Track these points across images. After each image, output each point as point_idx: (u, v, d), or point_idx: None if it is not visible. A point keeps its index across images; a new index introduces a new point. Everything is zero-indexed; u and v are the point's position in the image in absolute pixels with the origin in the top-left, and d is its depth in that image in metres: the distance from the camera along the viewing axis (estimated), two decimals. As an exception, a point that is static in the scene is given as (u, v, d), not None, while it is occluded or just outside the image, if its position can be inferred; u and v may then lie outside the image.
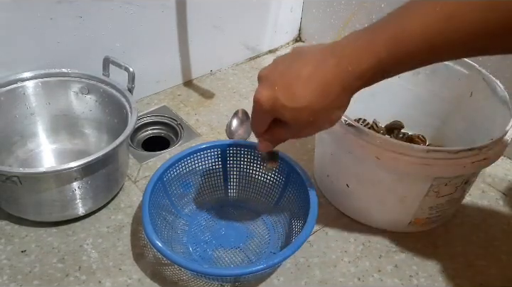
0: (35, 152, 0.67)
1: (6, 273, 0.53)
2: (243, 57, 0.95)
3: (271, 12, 0.92)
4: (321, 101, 0.38)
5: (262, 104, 0.40)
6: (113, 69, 0.64)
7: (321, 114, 0.39)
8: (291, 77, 0.39)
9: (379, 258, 0.57)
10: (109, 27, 0.70)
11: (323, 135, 0.61)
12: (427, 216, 0.58)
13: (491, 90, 0.59)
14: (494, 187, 0.68)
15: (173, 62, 0.83)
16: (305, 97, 0.38)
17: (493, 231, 0.61)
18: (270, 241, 0.58)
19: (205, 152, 0.60)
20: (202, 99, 0.83)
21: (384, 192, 0.56)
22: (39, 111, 0.65)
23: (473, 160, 0.50)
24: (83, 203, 0.57)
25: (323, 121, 0.41)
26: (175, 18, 0.77)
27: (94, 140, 0.68)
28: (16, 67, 0.63)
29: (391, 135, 0.71)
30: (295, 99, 0.38)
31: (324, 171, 0.63)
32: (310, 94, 0.38)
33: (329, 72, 0.38)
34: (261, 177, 0.62)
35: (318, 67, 0.38)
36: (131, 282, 0.53)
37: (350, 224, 0.61)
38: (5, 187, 0.52)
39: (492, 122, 0.58)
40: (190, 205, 0.61)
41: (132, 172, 0.67)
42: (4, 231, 0.58)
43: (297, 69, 0.39)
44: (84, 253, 0.55)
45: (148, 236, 0.48)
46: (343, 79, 0.37)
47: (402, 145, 0.49)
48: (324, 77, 0.38)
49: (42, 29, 0.64)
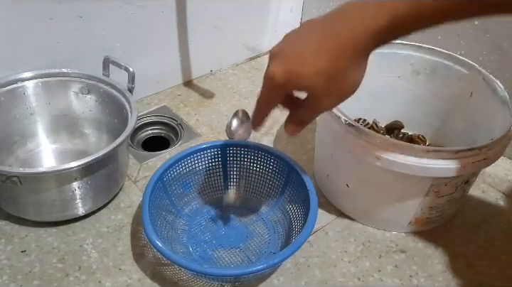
0: (35, 152, 0.67)
1: (6, 273, 0.53)
2: (243, 57, 0.95)
3: (271, 12, 0.92)
4: (335, 64, 0.37)
5: (277, 79, 0.39)
6: (113, 70, 0.64)
7: (337, 79, 0.38)
8: (303, 46, 0.38)
9: (379, 258, 0.57)
10: (109, 27, 0.70)
11: (323, 135, 0.61)
12: (427, 216, 0.58)
13: (491, 90, 0.59)
14: (494, 187, 0.68)
15: (173, 62, 0.83)
16: (319, 62, 0.37)
17: (493, 231, 0.61)
18: (270, 241, 0.58)
19: (205, 152, 0.60)
20: (202, 99, 0.83)
21: (384, 192, 0.56)
22: (39, 111, 0.65)
23: (473, 160, 0.50)
24: (83, 203, 0.57)
25: (340, 86, 0.39)
26: (175, 18, 0.77)
27: (94, 140, 0.68)
28: (16, 67, 0.63)
29: (391, 135, 0.71)
30: (309, 65, 0.38)
31: (324, 171, 0.63)
32: (323, 58, 0.37)
33: (341, 33, 0.37)
34: (261, 177, 0.62)
35: (329, 31, 0.37)
36: (131, 282, 0.53)
37: (350, 224, 0.61)
38: (5, 187, 0.52)
39: (492, 122, 0.58)
40: (190, 205, 0.61)
41: (132, 172, 0.67)
42: (4, 231, 0.58)
43: (308, 37, 0.38)
44: (84, 253, 0.55)
45: (149, 236, 0.48)
46: (355, 39, 0.37)
47: (402, 145, 0.49)
48: (336, 40, 0.37)
49: (42, 29, 0.64)
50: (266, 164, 0.61)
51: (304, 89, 0.40)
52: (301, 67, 0.38)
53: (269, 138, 0.75)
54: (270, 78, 0.39)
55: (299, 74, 0.38)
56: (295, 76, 0.38)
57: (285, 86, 0.39)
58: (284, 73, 0.38)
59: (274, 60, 0.39)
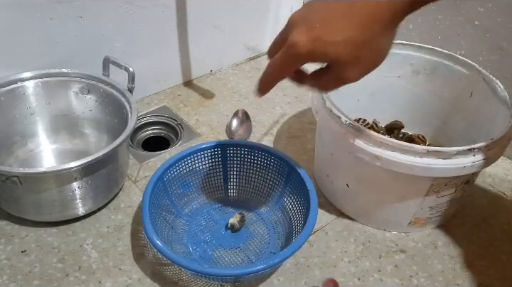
0: (35, 152, 0.67)
1: (6, 273, 0.53)
2: (243, 57, 0.95)
3: (271, 12, 0.92)
4: (366, 31, 0.35)
5: (300, 47, 0.36)
6: (113, 70, 0.64)
7: (367, 48, 0.36)
8: (330, 11, 0.36)
9: (379, 258, 0.57)
10: (109, 27, 0.70)
11: (323, 135, 0.61)
12: (427, 216, 0.58)
13: (491, 90, 0.59)
14: (494, 187, 0.68)
15: (173, 62, 0.83)
16: (349, 28, 0.35)
17: (493, 231, 0.61)
18: (270, 241, 0.58)
19: (205, 152, 0.60)
20: (202, 99, 0.83)
21: (384, 192, 0.56)
22: (39, 111, 0.65)
23: (473, 160, 0.50)
24: (83, 203, 0.57)
25: (369, 56, 0.37)
26: (175, 18, 0.77)
27: (94, 140, 0.68)
28: (16, 67, 0.63)
29: (391, 135, 0.71)
30: (336, 31, 0.35)
31: (324, 171, 0.63)
32: (353, 24, 0.35)
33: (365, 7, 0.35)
34: (261, 177, 0.62)
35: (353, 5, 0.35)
36: (131, 282, 0.53)
37: (350, 224, 0.61)
38: (5, 187, 0.52)
39: (492, 122, 0.58)
40: (191, 205, 0.61)
41: (132, 172, 0.67)
42: (4, 231, 0.58)
43: (335, 3, 0.36)
44: (84, 253, 0.55)
45: (149, 235, 0.49)
46: (393, 5, 0.35)
47: (402, 145, 0.49)
48: (367, 7, 0.35)
49: (42, 29, 0.64)
50: (266, 164, 0.61)
51: (329, 59, 0.37)
52: (329, 34, 0.35)
53: (269, 138, 0.75)
54: (291, 46, 0.36)
55: (326, 43, 0.35)
56: (322, 45, 0.36)
57: (308, 55, 0.37)
58: (308, 41, 0.36)
59: (296, 28, 0.36)
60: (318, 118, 0.58)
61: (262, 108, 0.81)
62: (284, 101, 0.83)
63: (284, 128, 0.77)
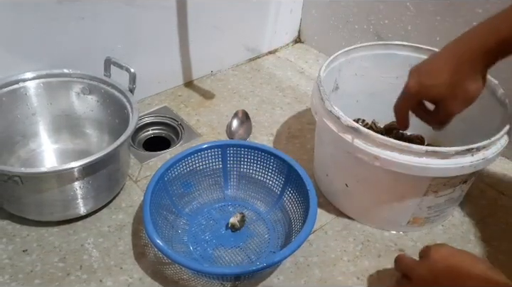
0: (37, 152, 0.67)
1: (8, 273, 0.53)
2: (243, 58, 0.95)
3: (271, 13, 0.93)
4: (454, 76, 0.47)
5: (410, 89, 0.50)
6: (114, 70, 0.64)
7: (458, 88, 0.48)
8: (432, 64, 0.50)
9: (378, 257, 0.57)
10: (111, 28, 0.70)
11: (322, 135, 0.61)
12: (425, 215, 0.58)
13: (490, 91, 0.60)
14: (493, 187, 0.68)
15: (174, 62, 0.83)
16: (443, 75, 0.48)
17: (491, 231, 0.62)
18: (270, 240, 0.58)
19: (205, 152, 0.61)
20: (202, 99, 0.84)
21: (383, 192, 0.57)
22: (41, 112, 0.66)
23: (471, 160, 0.50)
24: (84, 203, 0.57)
25: (461, 94, 0.48)
26: (175, 19, 0.78)
27: (96, 140, 0.69)
28: (18, 68, 0.63)
29: (390, 135, 0.71)
30: (435, 78, 0.48)
31: (324, 171, 0.63)
32: (446, 72, 0.48)
33: (460, 52, 0.47)
34: (261, 177, 0.63)
35: (452, 51, 0.48)
36: (132, 281, 0.53)
37: (350, 223, 0.62)
38: (7, 187, 0.52)
39: (491, 122, 0.58)
40: (191, 205, 0.62)
41: (133, 172, 0.67)
42: (6, 230, 0.58)
43: (437, 58, 0.50)
44: (86, 253, 0.56)
45: (149, 235, 0.49)
46: (471, 55, 0.47)
47: (401, 146, 0.50)
48: (455, 57, 0.48)
49: (44, 30, 0.64)
50: (266, 164, 0.61)
51: (432, 98, 0.50)
52: (429, 80, 0.49)
53: (269, 138, 0.75)
54: (406, 88, 0.50)
55: (428, 86, 0.49)
56: (425, 87, 0.49)
57: (417, 95, 0.50)
58: (416, 85, 0.49)
59: (411, 76, 0.50)
60: (317, 118, 0.58)
61: (261, 108, 0.82)
62: (284, 102, 0.83)
63: (283, 129, 0.78)
